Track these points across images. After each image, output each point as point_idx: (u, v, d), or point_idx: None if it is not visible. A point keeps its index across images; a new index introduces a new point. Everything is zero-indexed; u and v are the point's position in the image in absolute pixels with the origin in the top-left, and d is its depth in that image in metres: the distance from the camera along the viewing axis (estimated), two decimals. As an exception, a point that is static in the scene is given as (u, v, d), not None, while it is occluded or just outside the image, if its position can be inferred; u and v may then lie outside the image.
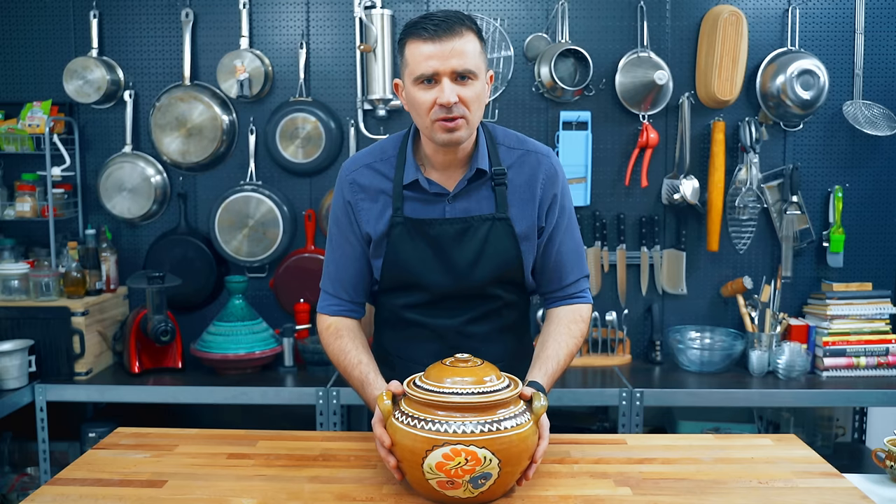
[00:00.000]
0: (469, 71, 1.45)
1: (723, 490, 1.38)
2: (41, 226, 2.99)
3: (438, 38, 1.43)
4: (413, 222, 1.58)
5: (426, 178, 1.58)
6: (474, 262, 1.58)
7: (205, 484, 1.41)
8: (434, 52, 1.43)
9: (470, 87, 1.46)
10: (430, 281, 1.60)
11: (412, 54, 1.47)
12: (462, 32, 1.45)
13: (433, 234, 1.58)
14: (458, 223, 1.57)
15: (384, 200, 1.60)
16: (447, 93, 1.44)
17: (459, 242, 1.58)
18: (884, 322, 2.85)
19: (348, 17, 2.98)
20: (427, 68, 1.44)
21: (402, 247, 1.59)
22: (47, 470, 2.70)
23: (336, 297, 1.67)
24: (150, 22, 3.01)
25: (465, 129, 1.49)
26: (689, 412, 3.02)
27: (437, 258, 1.59)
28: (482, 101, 1.51)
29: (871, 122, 2.89)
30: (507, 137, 1.63)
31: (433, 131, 1.49)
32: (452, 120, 1.46)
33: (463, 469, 1.25)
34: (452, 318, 1.64)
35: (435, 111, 1.46)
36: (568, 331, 1.62)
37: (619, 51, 2.94)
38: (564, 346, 1.60)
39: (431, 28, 1.43)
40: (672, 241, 3.04)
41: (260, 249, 2.99)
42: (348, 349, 1.61)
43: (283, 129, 2.96)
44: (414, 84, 1.47)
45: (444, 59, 1.43)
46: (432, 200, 1.58)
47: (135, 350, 2.78)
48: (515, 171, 1.60)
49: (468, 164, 1.58)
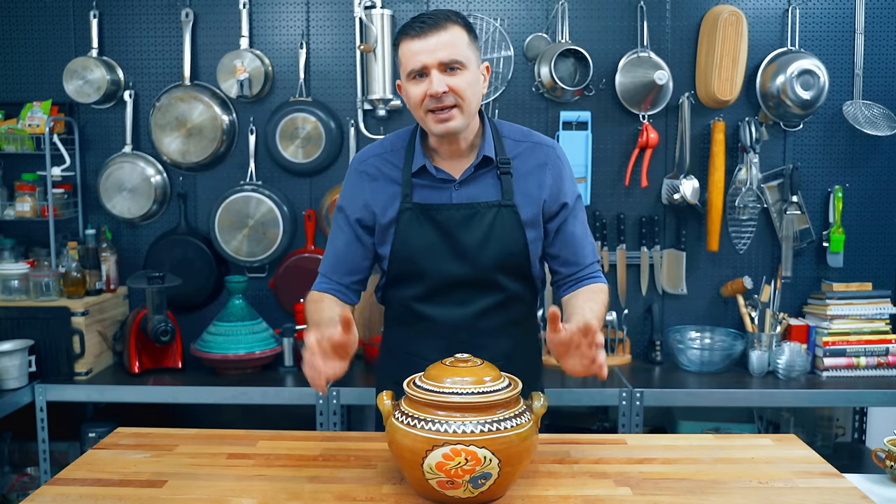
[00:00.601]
0: (456, 61, 1.53)
1: (723, 490, 1.38)
2: (41, 226, 2.99)
3: (425, 35, 1.52)
4: (421, 207, 1.63)
5: (434, 165, 1.64)
6: (480, 248, 1.62)
7: (205, 484, 1.41)
8: (421, 47, 1.53)
9: (460, 76, 1.54)
10: (437, 267, 1.63)
11: (404, 52, 1.56)
12: (447, 26, 1.53)
13: (440, 219, 1.62)
14: (465, 209, 1.62)
15: (394, 189, 1.65)
16: (435, 83, 1.52)
17: (466, 228, 1.62)
18: (884, 322, 2.85)
19: (348, 17, 2.99)
20: (416, 63, 1.53)
21: (411, 233, 1.63)
22: (47, 470, 2.70)
23: (328, 278, 1.72)
24: (150, 22, 3.01)
25: (460, 117, 1.55)
26: (689, 412, 3.02)
27: (444, 243, 1.63)
28: (476, 90, 1.57)
29: (871, 122, 2.89)
30: (513, 131, 1.70)
31: (428, 123, 1.57)
32: (443, 110, 1.53)
33: (463, 469, 1.25)
34: (460, 309, 1.66)
35: (427, 102, 1.54)
36: (593, 297, 1.62)
37: (619, 51, 2.95)
38: (597, 304, 1.59)
39: (418, 26, 1.53)
40: (672, 241, 3.04)
41: (260, 249, 2.99)
42: (314, 304, 1.68)
43: (283, 129, 2.96)
44: (407, 80, 1.57)
45: (431, 52, 1.52)
46: (439, 187, 1.64)
47: (135, 350, 2.78)
48: (521, 160, 1.66)
49: (474, 153, 1.64)
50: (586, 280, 1.69)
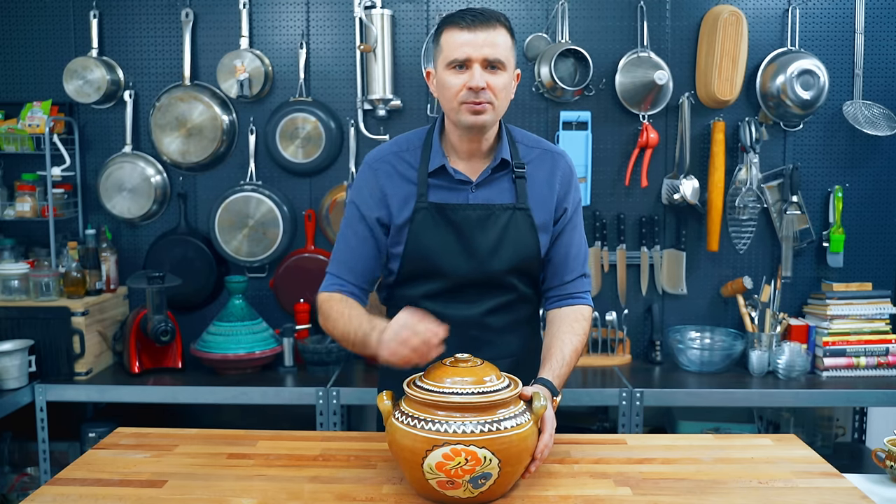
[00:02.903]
0: (499, 61, 1.54)
1: (723, 490, 1.38)
2: (41, 226, 2.99)
3: (474, 28, 1.53)
4: (437, 207, 1.63)
5: (451, 166, 1.64)
6: (494, 249, 1.63)
7: (205, 484, 1.41)
8: (469, 39, 1.53)
9: (499, 76, 1.55)
10: (450, 267, 1.64)
11: (448, 41, 1.56)
12: (496, 26, 1.55)
13: (456, 219, 1.63)
14: (481, 209, 1.63)
15: (409, 188, 1.65)
16: (477, 77, 1.53)
17: (481, 229, 1.63)
18: (884, 322, 2.85)
19: (348, 17, 2.99)
20: (461, 54, 1.53)
21: (426, 232, 1.63)
22: (47, 470, 2.70)
23: (338, 278, 1.69)
24: (150, 22, 3.01)
25: (491, 113, 1.57)
26: (689, 412, 3.02)
27: (458, 243, 1.63)
28: (508, 93, 1.60)
29: (871, 122, 2.89)
30: (526, 137, 1.72)
31: (459, 113, 1.57)
32: (479, 104, 1.54)
33: (463, 469, 1.25)
34: (470, 308, 1.67)
35: (464, 94, 1.54)
36: (571, 329, 1.65)
37: (619, 51, 2.94)
38: (570, 344, 1.62)
39: (469, 18, 1.54)
40: (672, 241, 3.04)
41: (260, 249, 2.99)
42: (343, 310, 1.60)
43: (283, 129, 2.96)
44: (447, 68, 1.56)
45: (478, 47, 1.53)
46: (457, 188, 1.64)
47: (135, 350, 2.78)
48: (534, 166, 1.68)
49: (491, 156, 1.66)
50: (572, 299, 1.70)
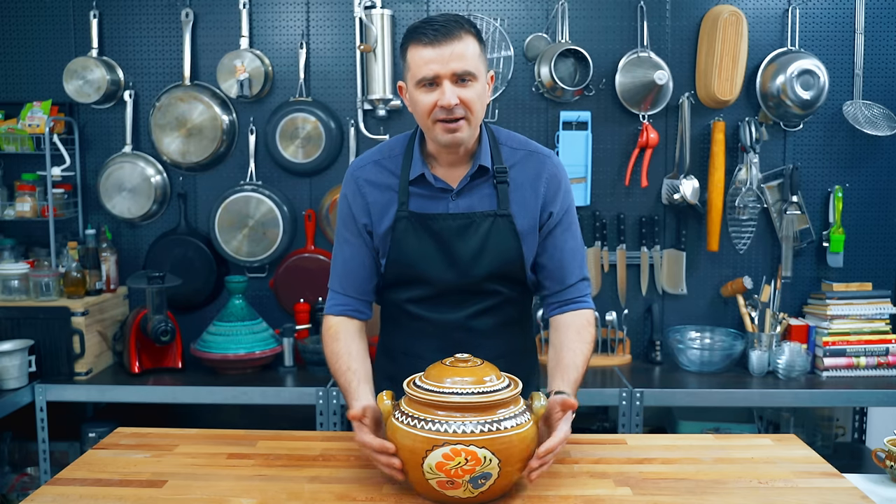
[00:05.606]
0: (468, 73, 1.49)
1: (723, 490, 1.38)
2: (41, 226, 2.99)
3: (438, 43, 1.47)
4: (417, 217, 1.61)
5: (432, 174, 1.61)
6: (476, 257, 1.61)
7: (205, 484, 1.41)
8: (434, 56, 1.47)
9: (470, 87, 1.50)
10: (433, 275, 1.62)
11: (413, 59, 1.50)
12: (461, 36, 1.48)
13: (436, 228, 1.60)
14: (461, 218, 1.60)
15: (390, 196, 1.63)
16: (448, 95, 1.48)
17: (462, 237, 1.60)
18: (884, 322, 2.85)
19: (348, 17, 2.98)
20: (428, 72, 1.48)
21: (407, 241, 1.61)
22: (47, 470, 2.70)
23: (342, 295, 1.67)
24: (150, 22, 3.01)
25: (467, 129, 1.52)
26: (689, 412, 3.02)
27: (440, 252, 1.61)
28: (483, 101, 1.54)
29: (871, 122, 2.89)
30: (510, 139, 1.67)
31: (435, 132, 1.53)
32: (454, 121, 1.50)
33: (463, 469, 1.25)
34: (455, 312, 1.65)
35: (436, 112, 1.50)
36: (579, 337, 1.62)
37: (619, 51, 2.95)
38: (581, 353, 1.59)
39: (431, 33, 1.47)
40: (672, 241, 3.04)
41: (260, 249, 2.99)
42: (341, 353, 1.61)
43: (283, 129, 2.96)
44: (416, 87, 1.51)
45: (445, 62, 1.47)
46: (437, 196, 1.61)
47: (135, 350, 2.78)
48: (518, 169, 1.63)
49: (472, 162, 1.61)
50: (574, 304, 1.67)
